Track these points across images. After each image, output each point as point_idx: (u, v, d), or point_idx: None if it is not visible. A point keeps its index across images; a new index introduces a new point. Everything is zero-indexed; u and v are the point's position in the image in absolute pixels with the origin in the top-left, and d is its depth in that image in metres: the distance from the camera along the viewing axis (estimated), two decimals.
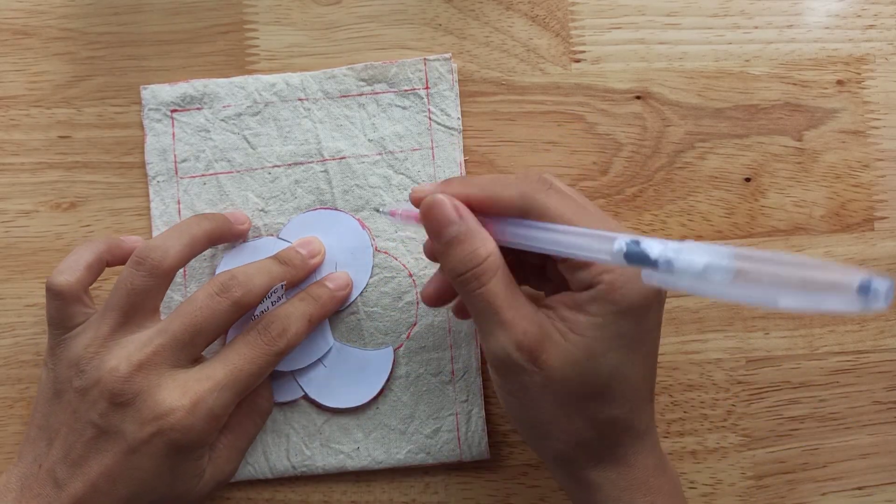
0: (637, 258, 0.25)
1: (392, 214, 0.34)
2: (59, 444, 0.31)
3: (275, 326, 0.33)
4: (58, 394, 0.32)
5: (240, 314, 0.33)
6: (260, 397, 0.36)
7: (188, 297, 0.33)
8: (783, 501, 0.38)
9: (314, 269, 0.37)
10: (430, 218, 0.29)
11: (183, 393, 0.31)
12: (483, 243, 0.29)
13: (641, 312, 0.28)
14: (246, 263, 0.34)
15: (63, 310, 0.33)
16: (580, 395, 0.28)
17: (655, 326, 0.29)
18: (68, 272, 0.33)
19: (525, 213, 0.29)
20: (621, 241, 0.25)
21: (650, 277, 0.24)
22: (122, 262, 0.34)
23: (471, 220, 0.29)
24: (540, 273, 0.33)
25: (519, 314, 0.28)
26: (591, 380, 0.28)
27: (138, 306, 0.32)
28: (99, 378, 0.31)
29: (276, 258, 0.35)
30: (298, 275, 0.36)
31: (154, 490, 0.31)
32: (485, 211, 0.30)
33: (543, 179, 0.29)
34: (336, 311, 0.37)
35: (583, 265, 0.28)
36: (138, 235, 0.37)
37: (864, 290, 0.20)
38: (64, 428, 0.31)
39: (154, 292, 0.32)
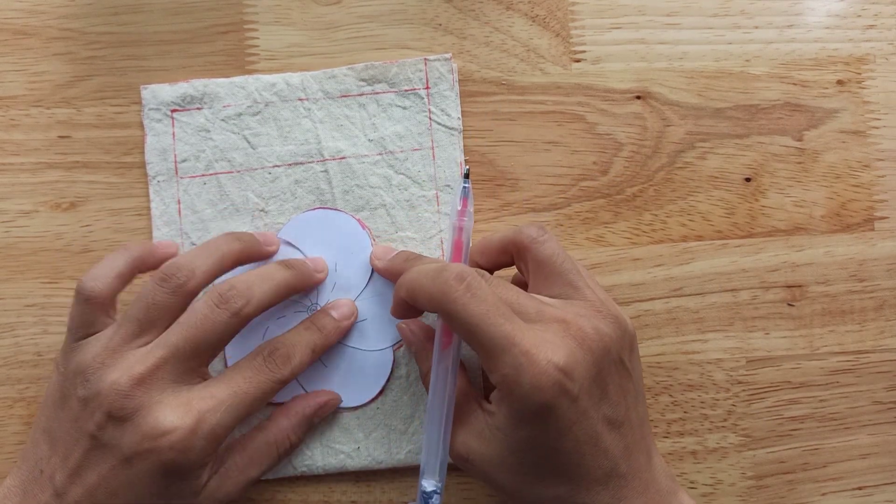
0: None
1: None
2: (59, 451, 0.31)
3: (279, 354, 0.33)
4: (63, 399, 0.32)
5: (241, 325, 0.32)
6: (292, 434, 0.35)
7: (189, 308, 0.32)
8: (783, 501, 0.38)
9: (318, 283, 0.37)
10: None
11: (186, 411, 0.30)
12: (423, 364, 0.34)
13: (542, 415, 0.28)
14: (248, 270, 0.34)
15: (87, 315, 0.33)
16: (517, 480, 0.30)
17: (576, 420, 0.29)
18: (101, 279, 0.33)
19: (438, 313, 0.31)
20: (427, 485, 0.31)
21: None
22: (153, 268, 0.34)
23: (421, 339, 0.35)
24: None
25: (458, 423, 0.32)
26: (519, 469, 0.30)
27: (155, 321, 0.32)
28: (100, 390, 0.30)
29: (282, 262, 0.35)
30: (303, 282, 0.35)
31: None
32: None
33: (461, 277, 0.29)
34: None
35: (488, 365, 0.29)
36: (170, 241, 0.37)
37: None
38: (64, 435, 0.31)
39: (174, 310, 0.32)
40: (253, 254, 0.35)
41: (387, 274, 0.36)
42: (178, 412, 0.30)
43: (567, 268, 0.32)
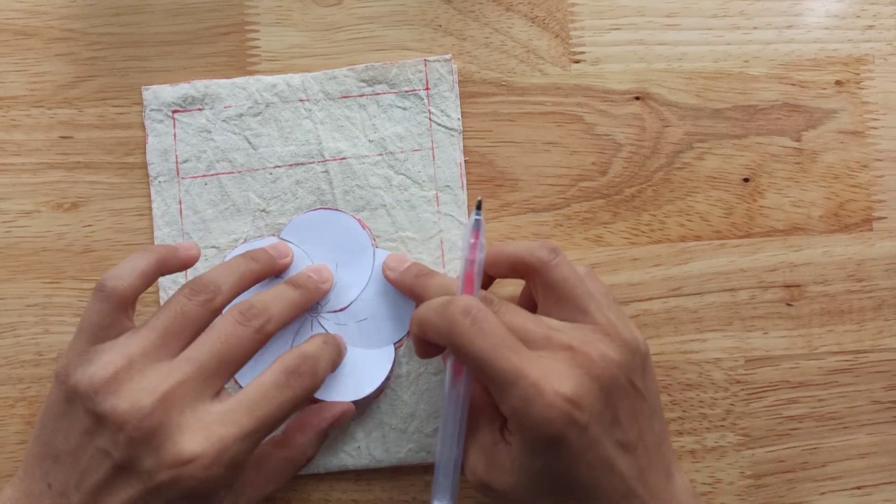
0: None
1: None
2: (70, 467, 0.30)
3: (306, 369, 0.32)
4: (69, 410, 0.30)
5: (263, 342, 0.32)
6: (309, 450, 0.35)
7: (210, 327, 0.31)
8: (782, 501, 0.38)
9: (325, 293, 0.37)
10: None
11: (207, 437, 0.29)
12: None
13: (554, 444, 0.28)
14: (260, 291, 0.34)
15: (105, 316, 0.31)
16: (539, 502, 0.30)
17: (587, 447, 0.29)
18: (124, 277, 0.31)
19: (447, 347, 0.31)
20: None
21: None
22: (175, 271, 0.34)
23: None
24: None
25: (474, 447, 0.31)
26: (539, 495, 0.30)
27: (181, 333, 0.31)
28: (117, 406, 0.28)
29: (289, 282, 0.35)
30: (312, 298, 0.36)
31: None
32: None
33: (466, 311, 0.29)
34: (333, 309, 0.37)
35: (498, 397, 0.30)
36: (192, 243, 0.36)
37: None
38: (76, 450, 0.29)
39: (199, 324, 0.31)
40: (268, 271, 0.35)
41: (397, 286, 0.36)
42: (199, 438, 0.29)
43: (577, 292, 0.32)
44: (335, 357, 0.35)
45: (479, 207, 0.33)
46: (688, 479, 0.32)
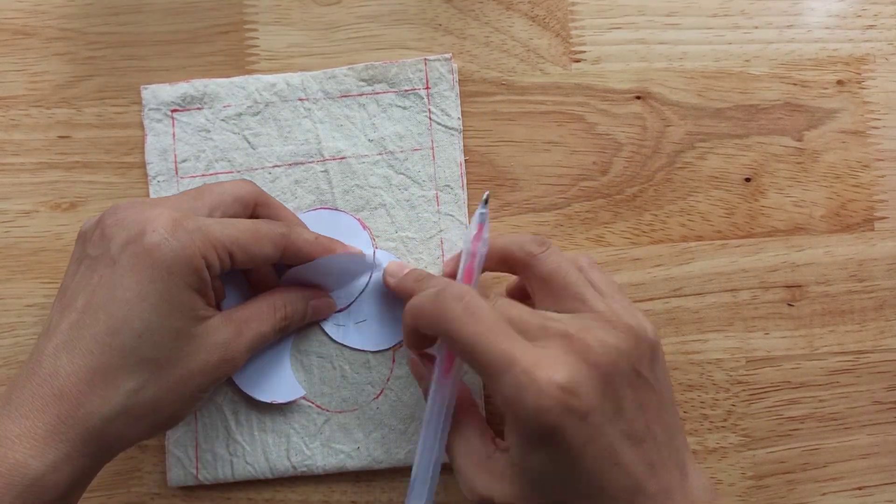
0: None
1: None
2: (60, 298, 0.31)
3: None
4: (77, 263, 0.31)
5: (280, 252, 0.33)
6: (289, 304, 0.35)
7: None
8: (783, 502, 0.38)
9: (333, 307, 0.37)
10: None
11: (174, 209, 0.30)
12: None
13: (552, 437, 0.27)
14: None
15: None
16: None
17: (590, 438, 0.27)
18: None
19: (439, 335, 0.30)
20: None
21: None
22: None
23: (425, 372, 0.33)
24: None
25: (469, 464, 0.31)
26: (544, 502, 0.29)
27: (212, 195, 0.32)
28: (105, 220, 0.30)
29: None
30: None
31: (139, 317, 0.29)
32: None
33: (459, 297, 0.29)
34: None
35: (491, 387, 0.28)
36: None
37: None
38: (69, 280, 0.31)
39: (241, 201, 0.33)
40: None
41: (398, 291, 0.36)
42: (164, 211, 0.30)
43: (570, 280, 0.31)
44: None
45: (486, 202, 0.32)
46: (708, 477, 0.30)
